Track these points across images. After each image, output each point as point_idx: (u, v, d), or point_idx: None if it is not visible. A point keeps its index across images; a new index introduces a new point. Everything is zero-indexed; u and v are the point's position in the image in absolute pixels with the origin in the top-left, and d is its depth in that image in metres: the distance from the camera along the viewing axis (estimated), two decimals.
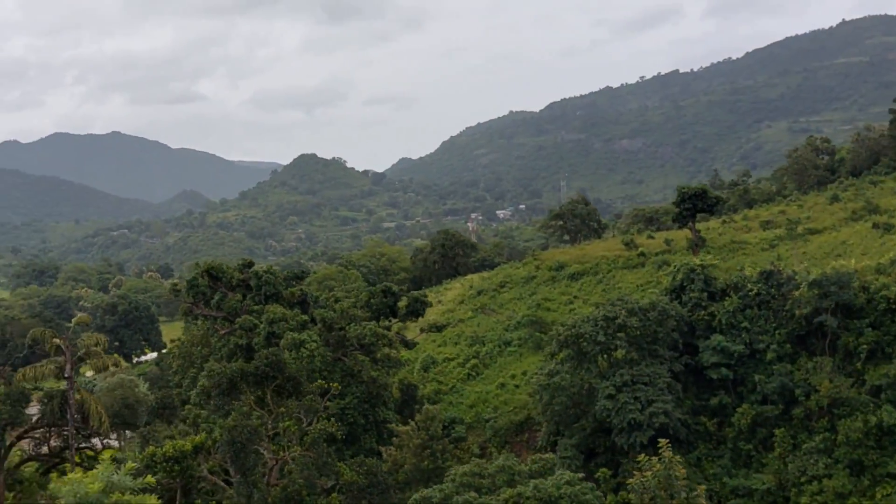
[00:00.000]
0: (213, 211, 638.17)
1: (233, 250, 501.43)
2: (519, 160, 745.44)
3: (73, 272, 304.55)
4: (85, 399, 53.25)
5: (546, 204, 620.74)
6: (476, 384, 79.29)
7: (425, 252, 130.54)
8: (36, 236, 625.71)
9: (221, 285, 71.13)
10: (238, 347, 66.39)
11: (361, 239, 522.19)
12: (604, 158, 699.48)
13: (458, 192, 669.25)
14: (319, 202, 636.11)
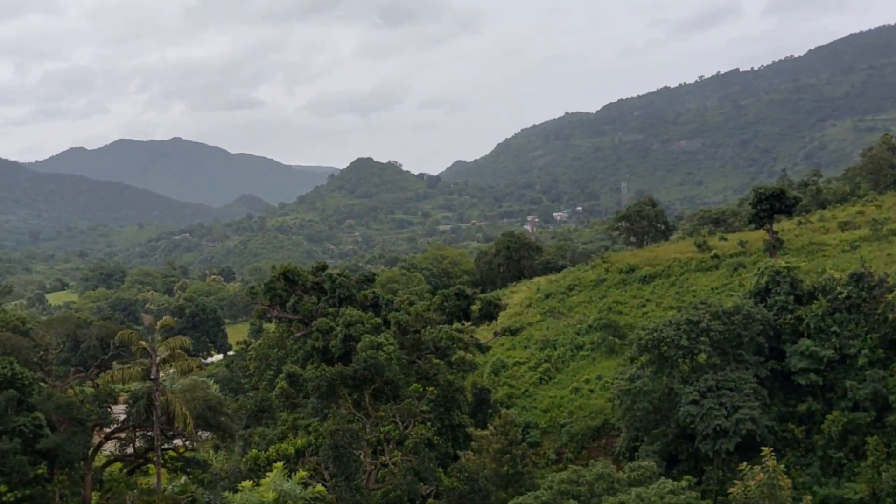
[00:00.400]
0: (272, 215, 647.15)
1: (291, 254, 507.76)
2: (575, 162, 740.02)
3: (138, 275, 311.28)
4: (170, 401, 53.97)
5: (604, 206, 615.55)
6: (549, 388, 78.39)
7: (489, 255, 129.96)
8: (101, 240, 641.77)
9: (297, 288, 71.55)
10: (315, 350, 66.70)
11: (417, 242, 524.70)
12: (662, 159, 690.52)
13: (513, 194, 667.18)
14: (376, 205, 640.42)
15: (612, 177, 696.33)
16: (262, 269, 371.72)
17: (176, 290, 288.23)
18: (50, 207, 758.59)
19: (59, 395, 52.36)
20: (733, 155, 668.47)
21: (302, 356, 70.12)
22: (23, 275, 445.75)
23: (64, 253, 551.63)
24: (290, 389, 62.58)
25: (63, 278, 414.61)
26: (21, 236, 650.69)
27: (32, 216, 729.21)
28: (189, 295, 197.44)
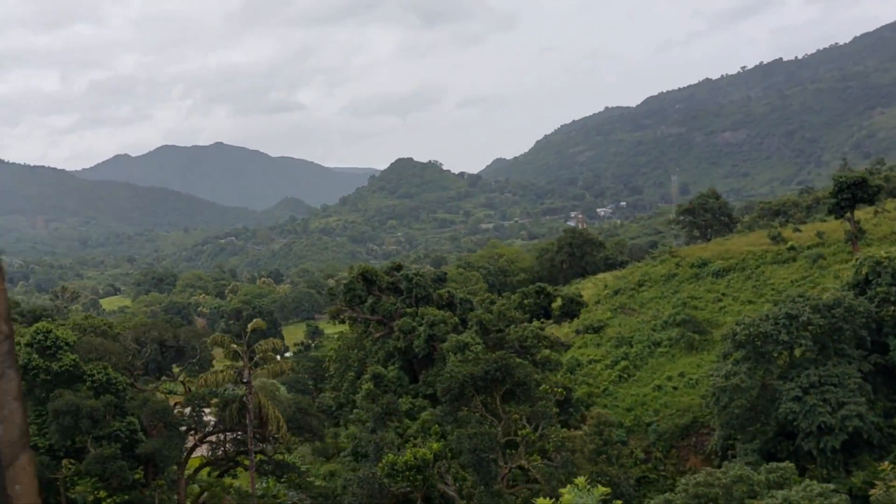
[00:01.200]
0: (315, 217, 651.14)
1: (336, 255, 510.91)
2: (617, 157, 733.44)
3: (190, 279, 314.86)
4: (263, 404, 53.62)
5: (648, 200, 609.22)
6: (629, 386, 76.78)
7: (551, 251, 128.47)
8: (148, 245, 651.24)
9: (374, 288, 70.98)
10: (396, 350, 66.05)
11: (461, 241, 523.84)
12: (706, 152, 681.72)
13: (555, 191, 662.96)
14: (417, 205, 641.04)
15: (655, 171, 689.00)
16: (310, 271, 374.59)
17: (227, 293, 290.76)
18: (98, 214, 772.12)
19: (155, 400, 52.33)
20: (779, 146, 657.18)
21: (382, 356, 69.56)
22: (75, 280, 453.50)
23: (113, 259, 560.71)
24: (375, 390, 62.01)
25: (114, 283, 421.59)
26: (71, 243, 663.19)
27: (81, 223, 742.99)
28: (245, 297, 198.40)
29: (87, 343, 54.22)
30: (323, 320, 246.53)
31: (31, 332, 53.64)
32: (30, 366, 52.04)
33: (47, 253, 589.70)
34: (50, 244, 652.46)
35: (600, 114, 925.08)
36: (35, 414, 53.12)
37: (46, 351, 52.88)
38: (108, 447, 49.44)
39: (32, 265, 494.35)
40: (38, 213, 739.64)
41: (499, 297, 72.40)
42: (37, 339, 52.99)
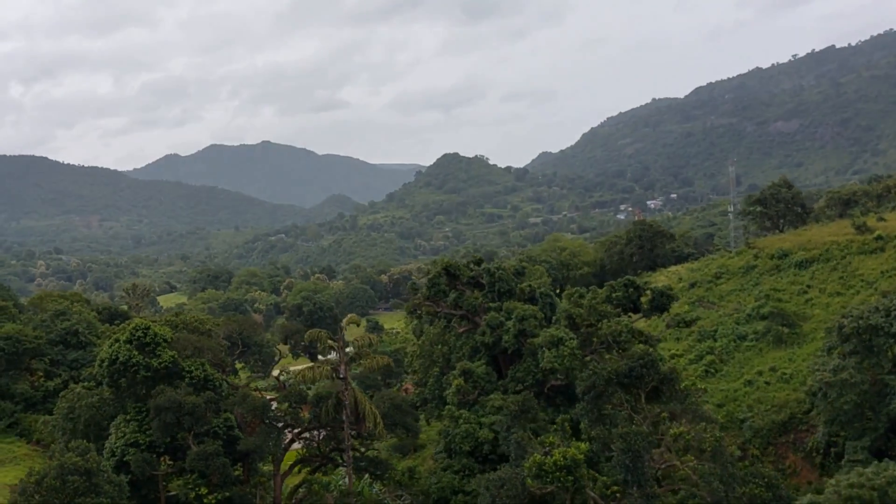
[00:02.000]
0: (363, 213, 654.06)
1: (385, 251, 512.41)
2: (666, 148, 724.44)
3: (245, 276, 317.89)
4: (360, 400, 53.12)
5: (699, 192, 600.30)
6: (717, 381, 74.78)
7: (620, 243, 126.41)
8: (200, 243, 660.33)
9: (458, 283, 70.08)
10: (483, 345, 65.07)
11: (509, 235, 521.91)
12: (757, 142, 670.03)
13: (604, 183, 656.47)
14: (464, 200, 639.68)
15: (705, 162, 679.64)
16: (361, 267, 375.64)
17: (282, 289, 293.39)
18: (149, 213, 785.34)
19: (255, 397, 52.10)
20: (833, 135, 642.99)
21: (467, 352, 68.60)
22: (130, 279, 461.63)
23: (167, 256, 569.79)
24: (466, 386, 61.18)
25: (169, 281, 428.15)
26: (125, 241, 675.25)
27: (134, 222, 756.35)
28: (301, 293, 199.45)
29: (183, 340, 54.25)
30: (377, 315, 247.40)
31: (129, 328, 53.78)
32: (130, 363, 52.18)
33: (102, 252, 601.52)
34: (104, 243, 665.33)
35: (648, 105, 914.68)
36: (135, 411, 53.27)
37: (146, 348, 52.97)
38: (210, 443, 49.30)
39: (89, 264, 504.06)
40: (92, 212, 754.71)
41: (585, 290, 70.61)
42: (136, 336, 53.12)
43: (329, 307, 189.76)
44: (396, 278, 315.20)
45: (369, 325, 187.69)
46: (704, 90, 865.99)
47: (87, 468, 44.26)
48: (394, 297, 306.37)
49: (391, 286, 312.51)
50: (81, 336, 76.58)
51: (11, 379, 71.27)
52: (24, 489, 43.88)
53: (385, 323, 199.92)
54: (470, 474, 55.64)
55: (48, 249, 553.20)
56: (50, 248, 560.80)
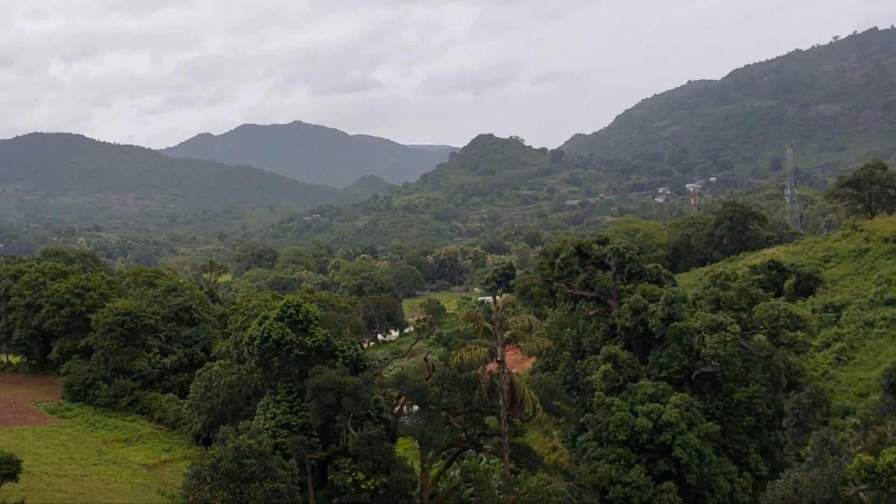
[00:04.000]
0: (397, 194, 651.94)
1: (420, 232, 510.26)
2: (704, 131, 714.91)
3: (291, 255, 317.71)
4: (517, 384, 50.75)
5: (739, 175, 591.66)
6: (852, 369, 71.67)
7: (709, 225, 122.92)
8: (235, 222, 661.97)
9: (588, 263, 67.36)
10: (623, 329, 62.37)
11: (548, 218, 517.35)
12: (799, 125, 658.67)
13: (641, 166, 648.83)
14: (499, 182, 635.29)
15: (744, 145, 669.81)
16: (404, 248, 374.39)
17: (329, 269, 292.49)
18: (184, 191, 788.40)
19: (414, 378, 49.84)
20: (877, 118, 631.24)
21: (600, 336, 66.00)
22: (170, 256, 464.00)
23: (204, 235, 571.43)
24: (614, 372, 58.61)
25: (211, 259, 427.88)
26: (160, 219, 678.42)
27: (169, 200, 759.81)
28: (349, 272, 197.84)
29: (332, 317, 52.08)
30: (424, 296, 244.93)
31: (280, 306, 51.67)
32: (283, 341, 50.09)
33: (139, 229, 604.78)
34: (140, 221, 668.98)
35: (683, 87, 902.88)
36: (285, 391, 51.26)
37: (297, 325, 50.85)
38: (373, 427, 47.17)
39: (129, 241, 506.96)
40: (128, 190, 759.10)
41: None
42: (287, 314, 51.00)
43: (390, 286, 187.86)
44: (442, 259, 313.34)
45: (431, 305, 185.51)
46: (742, 72, 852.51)
47: (261, 451, 42.31)
48: (439, 277, 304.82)
49: (436, 267, 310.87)
50: (194, 313, 74.90)
51: (128, 356, 69.72)
52: (197, 472, 42.02)
53: (449, 304, 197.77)
54: (627, 464, 53.23)
55: (87, 226, 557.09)
56: (89, 226, 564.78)
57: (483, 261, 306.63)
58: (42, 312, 73.02)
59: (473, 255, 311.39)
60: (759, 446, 59.90)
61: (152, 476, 54.79)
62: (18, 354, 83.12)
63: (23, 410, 63.48)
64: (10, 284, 76.67)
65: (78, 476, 50.52)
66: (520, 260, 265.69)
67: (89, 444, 59.36)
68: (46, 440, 57.83)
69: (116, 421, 65.15)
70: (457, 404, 50.72)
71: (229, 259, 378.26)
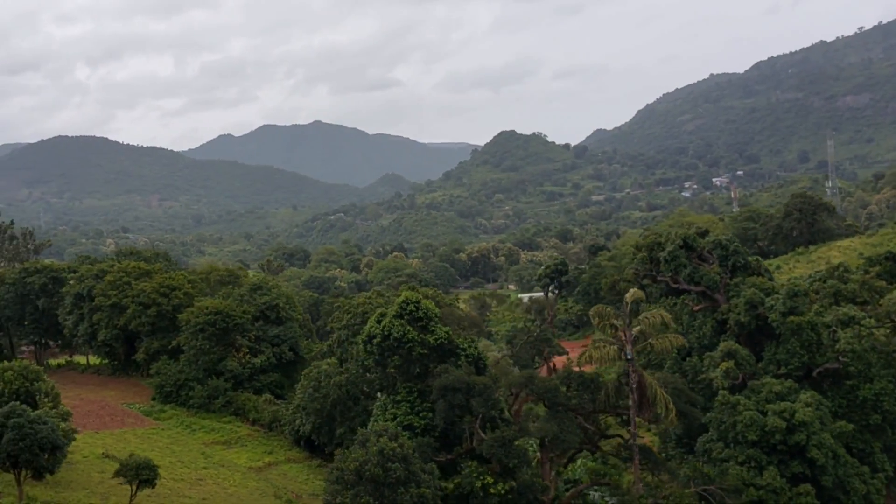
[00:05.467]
0: (420, 192, 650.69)
1: (445, 229, 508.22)
2: (728, 124, 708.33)
3: (323, 254, 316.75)
4: (648, 384, 48.66)
5: (766, 169, 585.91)
6: None
7: (777, 218, 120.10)
8: (259, 222, 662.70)
9: (694, 256, 65.22)
10: (737, 324, 60.17)
11: (575, 214, 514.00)
12: (825, 118, 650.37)
13: (666, 161, 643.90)
14: (523, 178, 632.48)
15: (770, 138, 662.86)
16: (434, 245, 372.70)
17: (362, 267, 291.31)
18: (207, 192, 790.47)
19: (544, 379, 47.89)
20: None
21: (708, 332, 63.92)
22: (198, 257, 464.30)
23: (230, 235, 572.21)
24: (735, 369, 56.45)
25: (235, 259, 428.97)
26: (185, 220, 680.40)
27: (192, 201, 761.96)
28: (412, 271, 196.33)
29: (449, 314, 50.20)
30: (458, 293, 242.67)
31: (399, 303, 49.83)
32: (404, 339, 48.24)
33: (165, 230, 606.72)
34: (165, 222, 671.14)
35: (706, 81, 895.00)
36: (406, 391, 49.41)
37: (418, 323, 49.00)
38: (506, 429, 45.25)
39: (156, 242, 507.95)
40: (152, 192, 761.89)
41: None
42: (407, 311, 49.16)
43: (434, 284, 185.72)
44: (475, 256, 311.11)
45: (478, 302, 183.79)
46: (766, 65, 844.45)
47: (404, 455, 40.48)
48: (473, 275, 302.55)
49: (469, 264, 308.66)
50: (281, 311, 73.30)
51: (218, 356, 68.15)
52: (339, 477, 40.23)
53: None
54: (758, 466, 50.99)
55: (114, 228, 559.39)
56: (115, 227, 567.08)
57: (517, 258, 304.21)
58: (128, 312, 71.63)
59: (507, 253, 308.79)
60: (883, 445, 57.62)
61: (262, 479, 53.17)
62: (99, 355, 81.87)
63: (118, 413, 62.15)
64: (93, 284, 75.29)
65: (194, 480, 48.99)
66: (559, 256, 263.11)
67: (192, 446, 57.87)
68: (150, 443, 56.38)
69: (212, 423, 63.66)
70: (586, 405, 48.73)
71: (257, 259, 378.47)
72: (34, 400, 44.12)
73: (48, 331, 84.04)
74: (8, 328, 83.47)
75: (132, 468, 39.62)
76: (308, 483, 54.55)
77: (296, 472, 56.30)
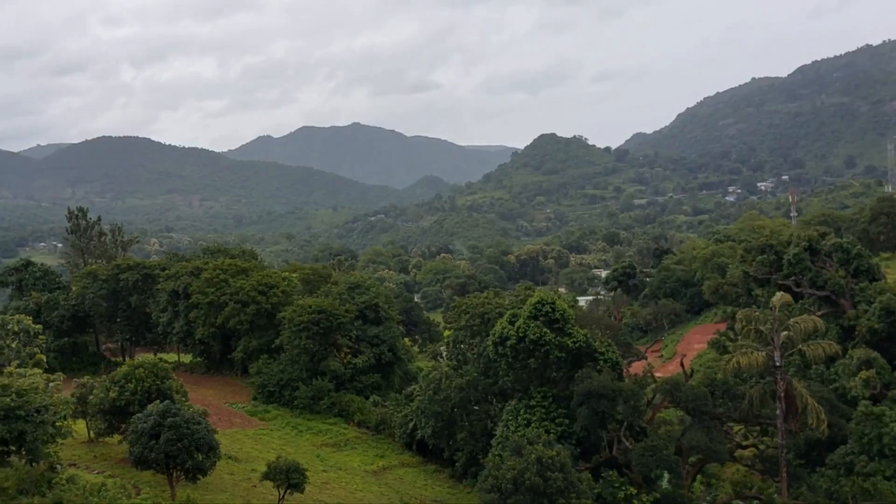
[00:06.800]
0: (460, 194, 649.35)
1: (487, 232, 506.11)
2: (772, 129, 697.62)
3: (371, 255, 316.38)
4: (799, 392, 46.18)
5: (812, 174, 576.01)
6: None
7: (861, 223, 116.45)
8: (299, 223, 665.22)
9: (818, 260, 62.53)
10: (871, 331, 57.43)
11: (618, 217, 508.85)
12: (873, 122, 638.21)
13: (708, 165, 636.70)
14: (564, 181, 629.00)
15: (815, 143, 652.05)
16: (480, 247, 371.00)
17: (411, 268, 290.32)
18: (247, 193, 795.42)
19: (691, 387, 45.64)
20: None
21: (834, 338, 61.09)
22: None
23: (272, 235, 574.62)
24: (875, 378, 53.76)
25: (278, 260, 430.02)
26: (226, 220, 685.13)
27: (233, 202, 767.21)
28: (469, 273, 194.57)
29: (581, 316, 48.14)
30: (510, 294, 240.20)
31: (533, 303, 47.90)
32: (541, 341, 46.33)
33: (207, 230, 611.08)
34: (206, 222, 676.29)
35: (747, 85, 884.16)
36: (540, 395, 47.49)
37: (554, 325, 47.03)
38: (657, 437, 43.14)
39: (200, 241, 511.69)
40: (193, 192, 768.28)
41: None
42: (542, 312, 47.24)
43: (492, 286, 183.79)
44: (524, 259, 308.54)
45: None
46: (809, 69, 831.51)
47: (562, 463, 38.53)
48: (521, 277, 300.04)
49: (517, 266, 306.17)
50: (381, 310, 71.72)
51: (320, 356, 66.69)
52: (495, 486, 38.42)
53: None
54: None
55: (158, 228, 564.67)
56: (159, 227, 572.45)
57: (566, 261, 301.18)
58: (226, 310, 70.44)
59: (556, 255, 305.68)
60: None
61: (382, 483, 51.50)
62: (192, 353, 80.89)
63: (224, 412, 60.87)
64: (189, 282, 74.31)
65: (320, 483, 47.41)
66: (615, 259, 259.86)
67: (304, 448, 56.41)
68: (263, 444, 55.01)
69: (318, 424, 62.15)
70: (732, 414, 46.42)
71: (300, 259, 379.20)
72: (168, 398, 42.81)
73: (138, 328, 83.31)
74: (95, 325, 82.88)
75: (282, 471, 38.10)
76: (427, 488, 52.81)
77: (412, 477, 54.58)
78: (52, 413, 32.07)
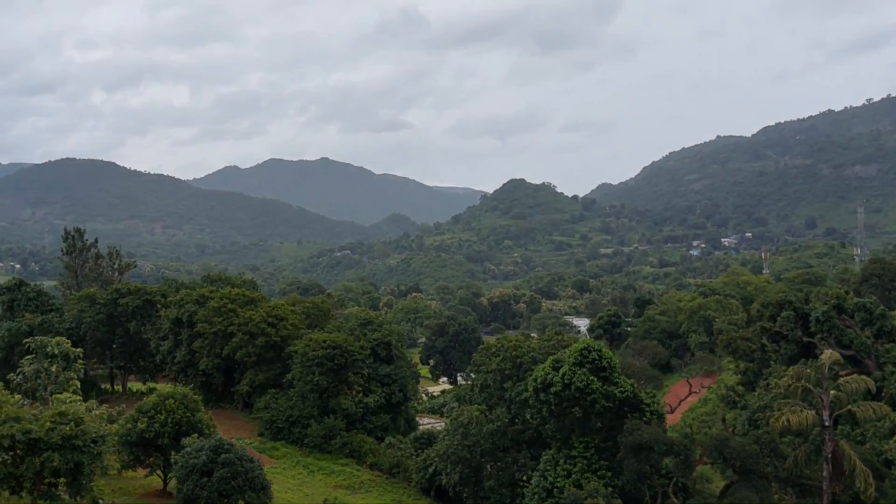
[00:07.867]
0: (428, 234, 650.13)
1: (454, 273, 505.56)
2: (737, 186, 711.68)
3: (340, 290, 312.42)
4: (847, 454, 45.15)
5: (774, 232, 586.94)
6: None
7: (854, 283, 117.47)
8: (263, 255, 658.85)
9: (844, 317, 62.12)
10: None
11: (585, 265, 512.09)
12: (833, 186, 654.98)
13: (674, 218, 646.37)
14: (532, 227, 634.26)
15: (778, 202, 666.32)
16: (449, 288, 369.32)
17: (381, 306, 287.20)
18: (211, 222, 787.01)
19: (740, 443, 44.31)
20: None
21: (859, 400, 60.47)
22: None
23: (235, 267, 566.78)
24: None
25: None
26: (188, 249, 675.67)
27: (196, 230, 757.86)
28: (451, 314, 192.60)
29: (628, 365, 46.74)
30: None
31: (578, 350, 46.43)
32: (588, 390, 44.80)
33: (169, 258, 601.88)
34: (169, 250, 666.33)
35: (713, 142, 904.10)
36: (582, 446, 45.81)
37: (601, 373, 45.59)
38: (709, 497, 41.66)
39: (163, 269, 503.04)
40: (157, 219, 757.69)
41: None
42: (588, 359, 45.78)
43: (473, 328, 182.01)
44: (496, 301, 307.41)
45: None
46: (773, 130, 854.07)
47: None
48: (493, 320, 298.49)
49: (489, 309, 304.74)
50: (393, 349, 69.55)
51: (331, 393, 64.22)
52: None
53: None
54: None
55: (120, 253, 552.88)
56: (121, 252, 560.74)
57: (538, 305, 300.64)
58: (234, 341, 67.69)
59: (528, 300, 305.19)
60: None
61: None
62: (191, 384, 77.59)
63: None
64: (194, 310, 71.41)
65: None
66: (587, 306, 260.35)
67: (319, 489, 53.85)
68: (279, 483, 52.29)
69: (329, 464, 59.51)
70: (780, 473, 45.20)
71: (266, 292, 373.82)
72: (198, 432, 40.37)
73: (133, 355, 79.88)
74: (87, 350, 79.23)
75: None
76: None
77: None
78: (108, 444, 29.69)
